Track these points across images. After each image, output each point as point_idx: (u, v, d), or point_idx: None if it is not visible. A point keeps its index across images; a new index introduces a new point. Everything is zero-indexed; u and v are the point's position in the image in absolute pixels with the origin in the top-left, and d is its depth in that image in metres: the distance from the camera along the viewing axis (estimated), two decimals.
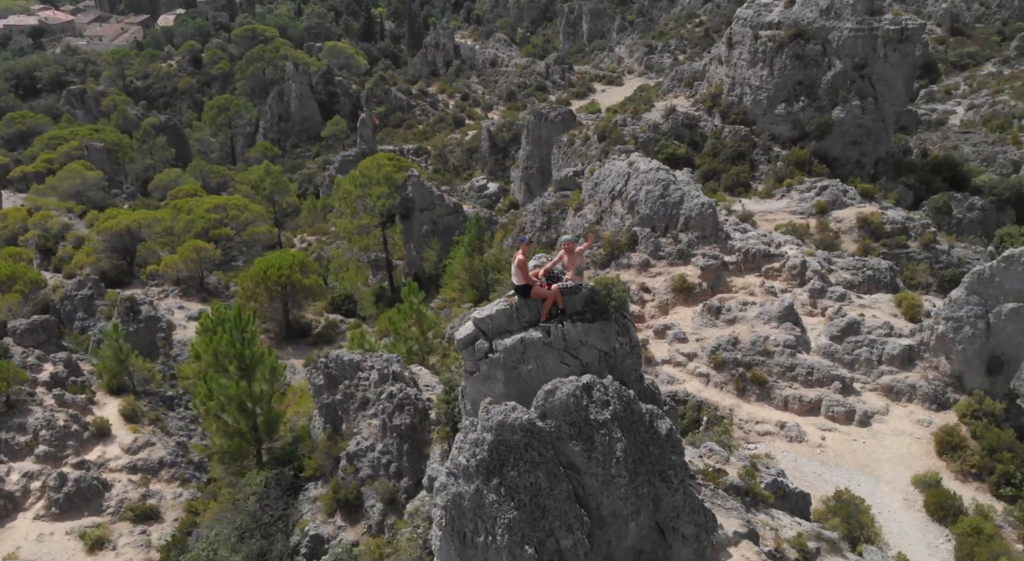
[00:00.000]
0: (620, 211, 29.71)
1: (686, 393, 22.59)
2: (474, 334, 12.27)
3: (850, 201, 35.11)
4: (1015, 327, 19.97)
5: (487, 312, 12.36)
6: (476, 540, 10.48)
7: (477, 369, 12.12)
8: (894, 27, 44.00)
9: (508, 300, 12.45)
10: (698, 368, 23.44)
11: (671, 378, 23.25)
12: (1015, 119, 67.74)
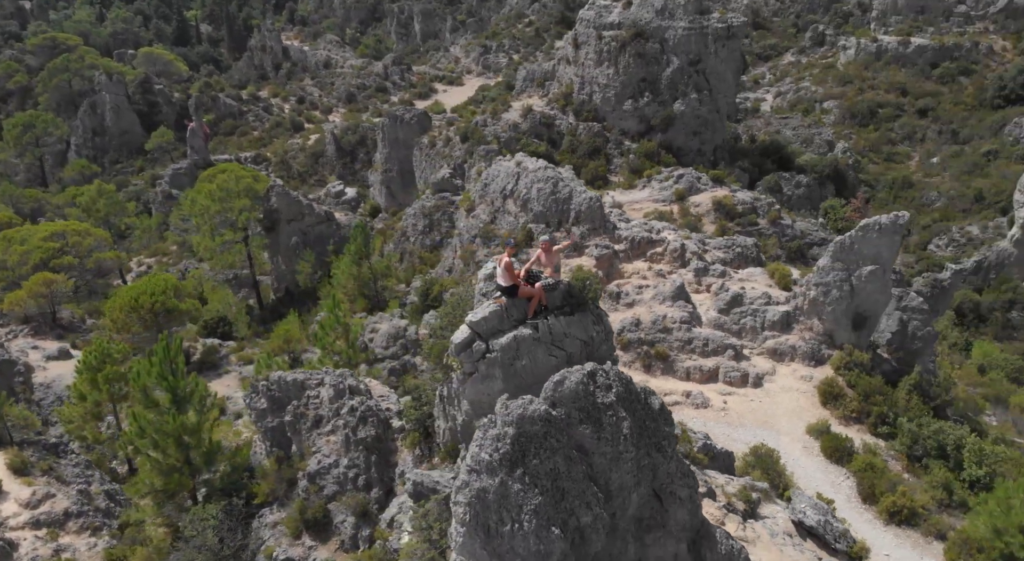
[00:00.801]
0: (513, 209, 30.99)
1: None
2: (470, 337, 12.97)
3: (703, 186, 38.61)
4: (873, 287, 23.41)
5: (481, 315, 13.09)
6: (502, 530, 11.27)
7: (476, 369, 12.85)
8: (721, 25, 48.56)
9: (497, 301, 13.25)
10: None
11: None
12: (816, 103, 76.63)
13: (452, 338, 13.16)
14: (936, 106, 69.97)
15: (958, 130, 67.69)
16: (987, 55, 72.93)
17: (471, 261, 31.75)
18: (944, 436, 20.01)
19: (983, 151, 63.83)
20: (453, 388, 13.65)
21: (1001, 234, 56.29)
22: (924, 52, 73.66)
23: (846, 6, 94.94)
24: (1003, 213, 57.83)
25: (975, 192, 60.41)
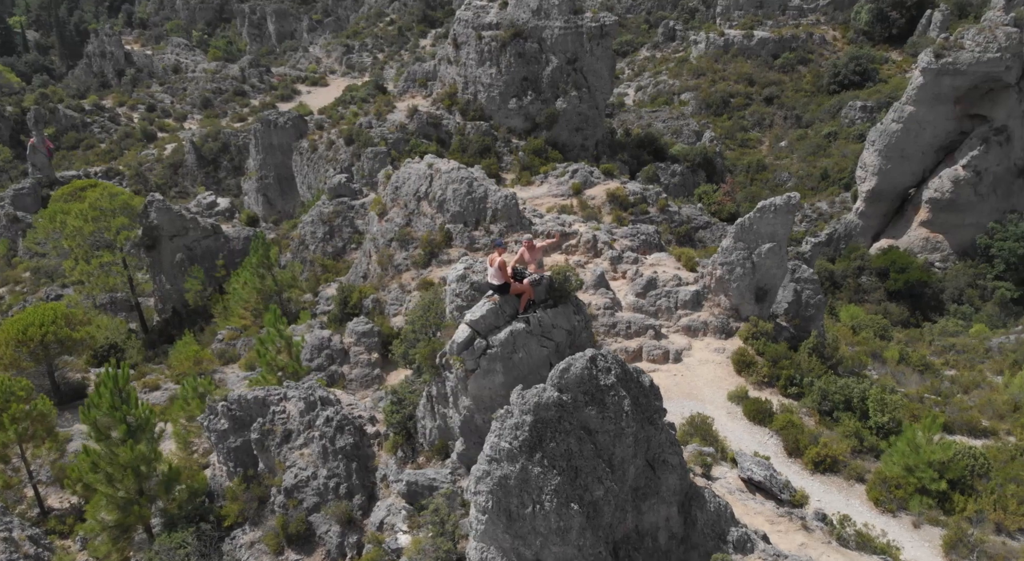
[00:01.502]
0: (429, 211, 31.46)
1: None
2: (471, 335, 13.60)
3: (596, 180, 40.67)
4: (771, 262, 25.94)
5: (479, 314, 13.76)
6: (523, 512, 12.10)
7: (478, 366, 13.51)
8: (594, 24, 50.97)
9: (491, 299, 13.96)
10: None
11: None
12: (675, 95, 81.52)
13: (452, 338, 13.77)
14: (780, 94, 76.46)
15: (801, 115, 74.37)
16: (820, 45, 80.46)
17: (389, 265, 31.95)
18: (850, 390, 22.72)
19: (824, 133, 70.54)
20: (450, 386, 14.23)
21: (847, 208, 62.63)
22: (766, 44, 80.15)
23: (691, 2, 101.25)
24: (846, 188, 64.30)
25: (820, 171, 66.75)
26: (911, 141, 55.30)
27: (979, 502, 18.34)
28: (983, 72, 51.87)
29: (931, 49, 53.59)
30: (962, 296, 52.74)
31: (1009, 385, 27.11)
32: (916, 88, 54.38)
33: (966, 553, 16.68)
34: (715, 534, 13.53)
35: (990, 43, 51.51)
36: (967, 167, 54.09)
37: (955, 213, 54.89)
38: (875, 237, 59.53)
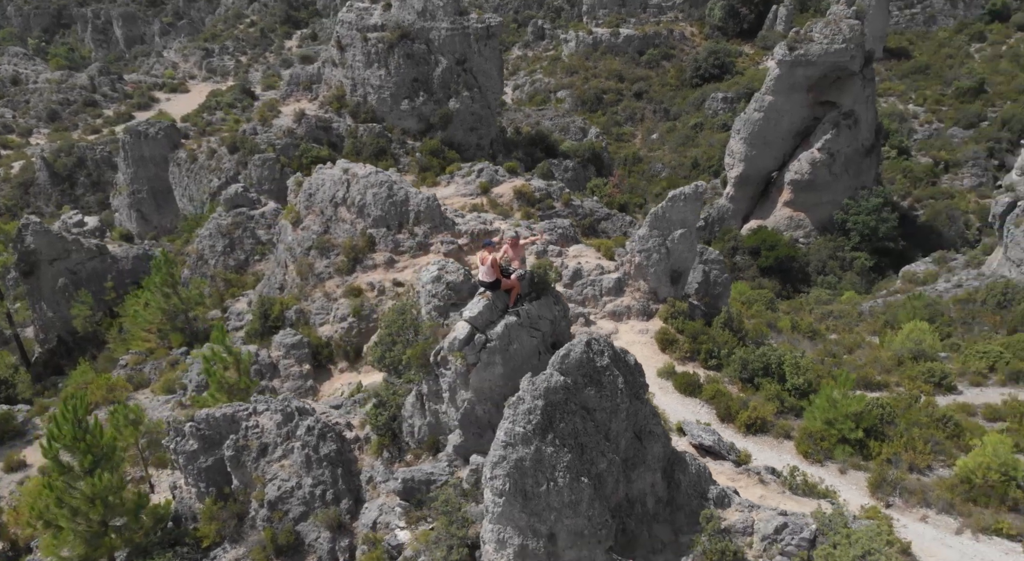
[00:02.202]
0: (348, 217, 31.44)
1: None
2: (470, 332, 14.27)
3: (502, 178, 41.81)
4: (683, 246, 28.08)
5: (476, 310, 14.47)
6: (538, 491, 13.03)
7: (479, 359, 14.22)
8: (480, 25, 52.08)
9: (484, 296, 14.70)
10: None
11: None
12: (551, 93, 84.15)
13: (449, 335, 14.41)
14: (649, 89, 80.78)
15: (669, 108, 78.95)
16: (680, 40, 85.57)
17: (310, 275, 31.67)
18: (768, 357, 25.12)
19: (691, 124, 75.30)
20: (447, 382, 14.84)
21: (718, 193, 67.25)
22: (632, 41, 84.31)
23: (556, 1, 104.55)
24: (716, 175, 69.01)
25: (691, 160, 71.24)
26: (772, 128, 60.17)
27: (892, 446, 21.03)
28: (831, 62, 57.18)
29: (785, 42, 58.53)
30: (825, 268, 58.11)
31: (891, 343, 30.68)
32: (773, 79, 59.22)
33: (889, 491, 19.17)
34: (698, 494, 15.01)
35: (836, 35, 56.95)
36: (822, 150, 59.53)
37: (814, 192, 60.27)
38: (745, 219, 64.39)
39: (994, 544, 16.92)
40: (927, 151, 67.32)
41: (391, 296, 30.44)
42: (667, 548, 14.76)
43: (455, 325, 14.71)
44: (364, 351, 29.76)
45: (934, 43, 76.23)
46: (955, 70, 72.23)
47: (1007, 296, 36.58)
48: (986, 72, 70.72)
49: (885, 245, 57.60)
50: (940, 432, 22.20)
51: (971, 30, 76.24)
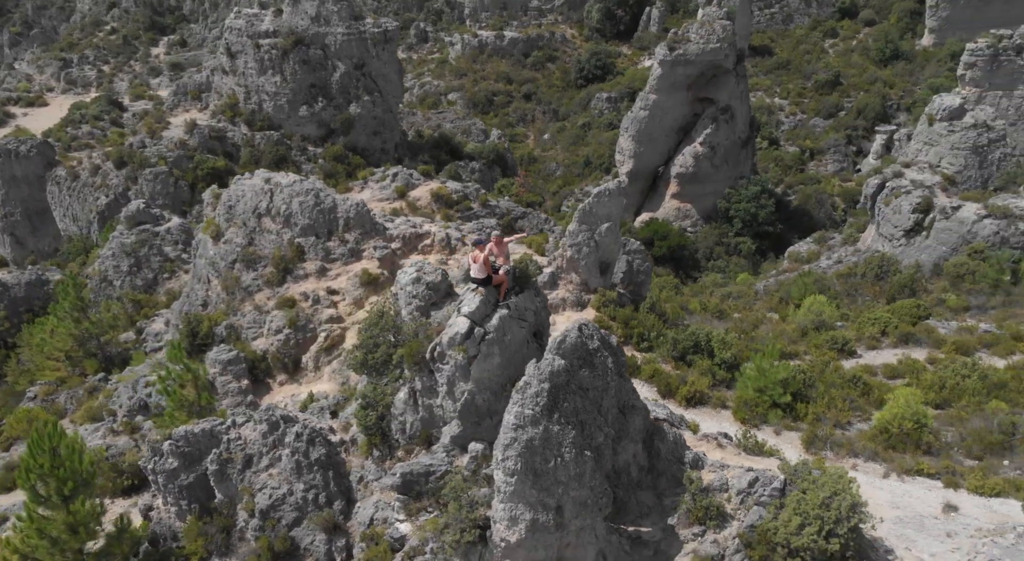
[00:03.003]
0: (274, 227, 31.18)
1: None
2: (471, 326, 15.10)
3: (417, 182, 42.32)
4: (610, 239, 29.91)
5: (473, 306, 15.30)
6: (547, 467, 14.13)
7: (479, 351, 15.07)
8: (378, 30, 52.34)
9: (477, 292, 15.58)
10: None
11: None
12: (441, 96, 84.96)
13: (451, 332, 15.19)
14: (537, 90, 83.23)
15: (557, 109, 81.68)
16: (563, 43, 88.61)
17: (237, 289, 31.19)
18: (697, 336, 27.32)
19: (580, 124, 78.29)
20: (446, 375, 15.58)
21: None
22: (517, 44, 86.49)
23: (436, 4, 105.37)
24: (607, 171, 72.21)
25: (583, 159, 74.14)
26: (657, 125, 63.78)
27: (816, 406, 23.60)
28: (707, 61, 61.31)
29: (665, 43, 62.20)
30: (713, 253, 62.26)
31: (795, 316, 33.86)
32: (656, 78, 62.81)
33: (821, 446, 21.60)
34: (676, 459, 16.56)
35: (711, 35, 61.11)
36: (703, 143, 63.71)
37: (698, 184, 64.41)
38: (637, 212, 67.87)
39: (917, 483, 19.56)
40: (794, 141, 73.27)
41: (326, 305, 30.57)
42: (652, 511, 16.25)
43: (453, 321, 15.55)
44: (303, 362, 29.76)
45: (792, 40, 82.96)
46: (813, 65, 78.94)
47: (883, 268, 40.99)
48: (840, 66, 77.76)
49: (765, 229, 62.36)
50: (853, 391, 25.09)
51: (824, 27, 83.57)
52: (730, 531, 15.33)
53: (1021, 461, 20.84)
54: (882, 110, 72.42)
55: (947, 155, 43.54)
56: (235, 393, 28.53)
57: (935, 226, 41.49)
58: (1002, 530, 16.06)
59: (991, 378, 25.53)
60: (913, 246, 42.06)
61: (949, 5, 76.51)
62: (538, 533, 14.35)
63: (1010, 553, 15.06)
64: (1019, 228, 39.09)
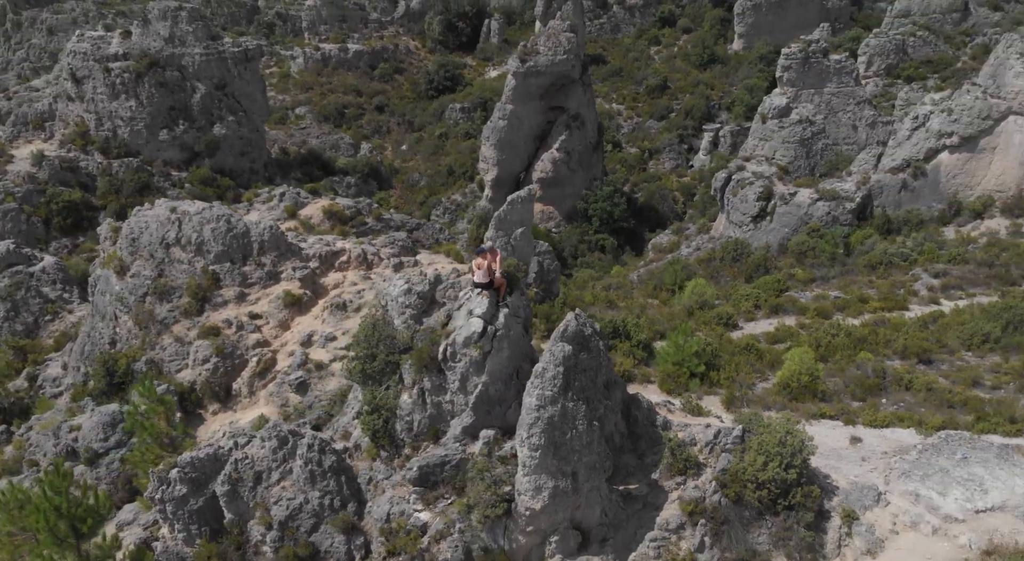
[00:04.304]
0: (185, 257, 30.99)
1: None
2: (484, 326, 17.04)
3: (306, 200, 42.81)
4: (524, 242, 32.56)
5: (484, 308, 17.23)
6: (564, 439, 16.51)
7: (492, 347, 17.06)
8: (237, 49, 51.85)
9: (483, 295, 17.56)
10: None
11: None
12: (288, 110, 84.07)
13: (466, 332, 17.07)
14: (388, 102, 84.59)
15: (412, 120, 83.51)
16: (407, 54, 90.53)
17: (151, 323, 30.72)
18: (616, 322, 30.67)
19: (437, 134, 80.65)
20: (459, 372, 17.38)
21: (477, 196, 73.47)
22: (362, 56, 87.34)
23: (267, 17, 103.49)
24: (471, 180, 75.15)
25: (445, 168, 76.56)
26: (515, 133, 67.59)
27: (725, 372, 27.63)
28: (557, 71, 65.89)
29: (517, 55, 66.09)
30: (577, 251, 67.00)
31: (681, 299, 38.34)
32: (511, 89, 66.57)
33: (740, 404, 25.50)
34: (649, 423, 19.46)
35: (558, 47, 65.71)
36: (559, 149, 68.28)
37: (558, 187, 68.94)
38: None
39: (823, 424, 23.85)
40: (634, 142, 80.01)
41: (251, 330, 30.92)
42: (636, 471, 19.09)
43: (466, 323, 17.50)
44: (235, 389, 29.98)
45: (622, 49, 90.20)
46: (643, 71, 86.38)
47: (738, 251, 46.91)
48: (666, 71, 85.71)
49: (620, 225, 67.94)
50: (750, 357, 29.48)
51: (648, 35, 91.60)
52: (706, 476, 18.48)
53: (895, 398, 25.95)
54: (706, 110, 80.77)
55: (780, 148, 50.44)
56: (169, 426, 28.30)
57: (777, 211, 48.04)
58: (904, 450, 20.47)
59: (854, 335, 30.97)
60: (760, 230, 48.39)
61: (754, 12, 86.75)
62: (558, 498, 16.72)
63: (917, 465, 19.39)
64: (846, 207, 46.32)
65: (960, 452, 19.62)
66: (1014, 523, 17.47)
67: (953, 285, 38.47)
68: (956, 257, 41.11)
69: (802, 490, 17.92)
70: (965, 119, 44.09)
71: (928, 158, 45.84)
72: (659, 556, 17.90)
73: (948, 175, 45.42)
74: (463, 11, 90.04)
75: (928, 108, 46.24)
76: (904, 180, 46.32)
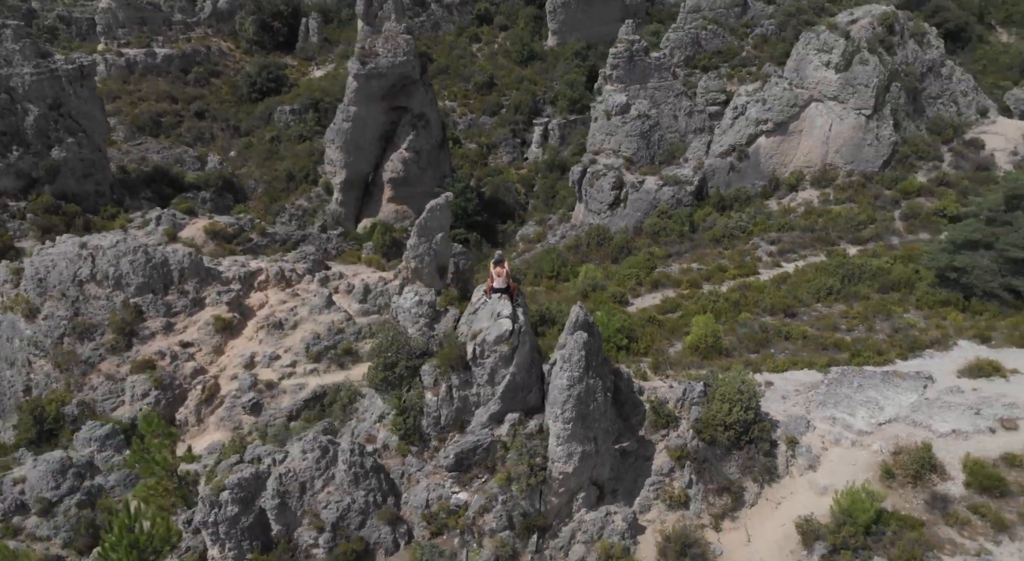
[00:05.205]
0: (102, 292, 30.48)
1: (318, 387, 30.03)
2: (511, 326, 19.92)
3: (183, 221, 42.43)
4: (443, 246, 35.15)
5: (509, 310, 20.06)
6: (589, 410, 20.06)
7: (519, 342, 20.01)
8: (71, 66, 49.15)
9: (503, 298, 20.43)
10: (306, 368, 30.69)
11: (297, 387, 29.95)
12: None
13: (497, 331, 19.84)
14: (208, 107, 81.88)
15: (237, 125, 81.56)
16: (222, 56, 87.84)
17: (74, 364, 30.05)
18: (543, 308, 34.42)
19: (268, 138, 79.58)
20: (489, 366, 20.08)
21: (325, 200, 73.96)
22: (173, 60, 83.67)
23: (47, 21, 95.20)
24: (315, 183, 75.34)
25: (284, 173, 76.00)
26: (361, 135, 69.14)
27: (643, 342, 32.44)
28: (398, 73, 68.21)
29: (356, 57, 67.49)
30: None
31: (575, 284, 42.95)
32: (353, 91, 67.97)
33: (666, 367, 30.32)
34: (629, 390, 23.43)
35: (397, 49, 67.99)
36: (408, 149, 70.78)
37: (409, 186, 71.44)
38: (357, 218, 72.66)
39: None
40: (471, 138, 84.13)
41: (185, 359, 31.26)
42: (625, 431, 23.08)
43: (494, 324, 20.34)
44: (180, 419, 30.32)
45: (445, 46, 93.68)
46: (468, 68, 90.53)
47: (601, 236, 52.54)
48: (491, 68, 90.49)
49: (475, 219, 71.90)
50: (655, 327, 34.61)
51: (468, 33, 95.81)
52: (684, 427, 22.87)
53: (781, 347, 32.13)
54: (533, 105, 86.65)
55: (624, 141, 56.72)
56: (121, 466, 28.25)
57: (629, 198, 54.26)
58: (813, 386, 26.22)
59: (731, 299, 37.20)
60: (616, 216, 54.40)
61: (564, 10, 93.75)
62: (585, 460, 20.31)
63: (828, 395, 25.12)
64: (687, 190, 53.42)
65: (856, 381, 25.68)
66: (909, 429, 23.59)
67: (787, 250, 46.44)
68: (784, 226, 49.37)
69: (758, 426, 22.87)
70: (777, 107, 52.64)
71: (749, 142, 54.06)
72: (658, 497, 22.09)
73: (766, 156, 53.92)
74: (277, 10, 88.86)
75: (744, 99, 54.43)
76: (731, 163, 54.26)
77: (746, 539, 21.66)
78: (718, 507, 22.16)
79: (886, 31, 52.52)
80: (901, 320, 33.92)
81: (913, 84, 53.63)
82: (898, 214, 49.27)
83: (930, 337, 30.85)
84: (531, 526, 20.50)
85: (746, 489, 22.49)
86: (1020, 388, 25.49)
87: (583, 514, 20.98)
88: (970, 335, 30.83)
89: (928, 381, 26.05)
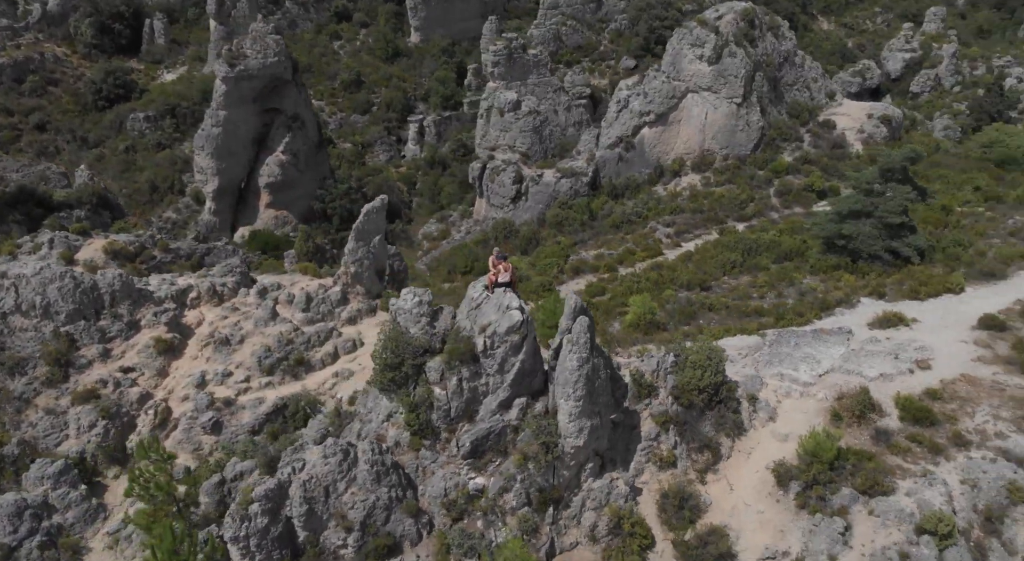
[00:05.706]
0: (29, 323, 28.87)
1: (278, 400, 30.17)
2: (520, 317, 21.36)
3: (77, 242, 40.11)
4: (380, 249, 35.92)
5: (516, 302, 21.49)
6: (594, 387, 22.05)
7: (528, 332, 21.51)
8: None
9: (508, 292, 21.82)
10: (261, 382, 30.62)
11: (256, 401, 29.93)
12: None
13: (508, 323, 21.18)
14: (50, 118, 76.34)
15: (84, 135, 76.63)
16: (57, 63, 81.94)
17: (7, 401, 28.39)
18: None
19: (122, 148, 75.39)
20: (499, 356, 21.37)
21: (196, 210, 71.29)
22: (3, 69, 77.20)
23: None
24: (182, 193, 72.37)
25: (147, 184, 72.51)
26: (232, 139, 67.49)
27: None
28: (270, 74, 67.13)
29: (224, 60, 65.70)
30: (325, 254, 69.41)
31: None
32: (222, 95, 66.16)
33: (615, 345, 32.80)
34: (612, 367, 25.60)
35: (267, 50, 66.81)
36: (284, 152, 69.82)
37: (288, 190, 70.49)
38: (233, 228, 70.62)
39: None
40: (345, 138, 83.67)
41: (128, 385, 30.31)
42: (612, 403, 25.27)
43: (503, 316, 21.69)
44: (130, 447, 29.40)
45: (304, 45, 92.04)
46: (333, 66, 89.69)
47: (507, 229, 54.68)
48: (356, 66, 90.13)
49: None
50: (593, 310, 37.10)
51: (328, 30, 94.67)
52: (663, 394, 25.36)
53: (708, 318, 35.57)
54: (405, 102, 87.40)
55: (519, 137, 59.07)
56: (78, 502, 27.25)
57: (530, 191, 56.72)
58: (756, 347, 29.57)
59: (651, 279, 40.44)
60: (519, 209, 56.73)
61: (424, 7, 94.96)
62: (593, 433, 22.31)
63: (772, 355, 28.50)
64: (582, 181, 56.60)
65: (792, 341, 29.30)
66: (844, 377, 27.36)
67: (683, 230, 50.62)
68: (675, 209, 53.63)
69: (726, 387, 25.78)
70: (657, 99, 56.85)
71: (634, 133, 58.01)
72: (649, 460, 24.47)
73: (651, 145, 58.09)
74: (117, 11, 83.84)
75: (625, 93, 58.31)
76: (620, 153, 58.01)
77: (729, 488, 24.50)
78: (701, 463, 24.86)
79: (748, 25, 58.05)
80: (803, 285, 38.43)
81: (773, 73, 59.65)
82: (772, 191, 54.85)
83: (835, 297, 35.34)
84: (547, 500, 22.25)
85: (721, 444, 25.34)
86: (924, 333, 30.11)
87: (591, 483, 22.98)
88: (867, 293, 35.61)
89: (849, 335, 30.13)
